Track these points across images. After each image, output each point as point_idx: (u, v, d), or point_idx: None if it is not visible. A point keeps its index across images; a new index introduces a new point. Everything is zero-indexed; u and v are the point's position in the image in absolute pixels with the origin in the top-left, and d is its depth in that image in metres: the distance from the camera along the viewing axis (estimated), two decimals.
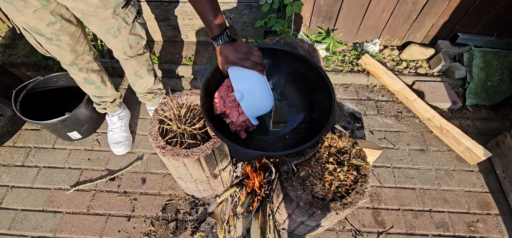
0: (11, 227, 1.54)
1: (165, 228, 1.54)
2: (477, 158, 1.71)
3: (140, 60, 1.49)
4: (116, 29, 1.24)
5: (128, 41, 1.32)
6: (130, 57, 1.42)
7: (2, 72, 1.78)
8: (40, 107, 1.74)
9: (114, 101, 1.72)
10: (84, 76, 1.46)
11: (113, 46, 1.34)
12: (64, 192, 1.66)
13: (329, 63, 2.22)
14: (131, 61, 1.46)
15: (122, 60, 1.46)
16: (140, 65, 1.51)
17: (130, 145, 1.82)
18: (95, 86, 1.54)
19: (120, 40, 1.29)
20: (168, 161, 1.18)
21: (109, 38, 1.28)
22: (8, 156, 1.79)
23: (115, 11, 1.16)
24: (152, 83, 1.66)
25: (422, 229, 1.55)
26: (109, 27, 1.22)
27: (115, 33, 1.25)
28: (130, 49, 1.37)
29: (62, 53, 1.29)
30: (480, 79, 2.04)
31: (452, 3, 1.95)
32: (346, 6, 2.04)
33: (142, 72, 1.55)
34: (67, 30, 1.23)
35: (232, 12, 2.13)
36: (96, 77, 1.51)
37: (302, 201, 1.02)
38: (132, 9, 1.24)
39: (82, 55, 1.39)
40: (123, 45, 1.33)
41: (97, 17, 1.16)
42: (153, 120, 1.21)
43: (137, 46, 1.38)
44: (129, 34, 1.30)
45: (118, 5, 1.16)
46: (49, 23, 1.15)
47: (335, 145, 1.18)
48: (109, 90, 1.64)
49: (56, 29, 1.19)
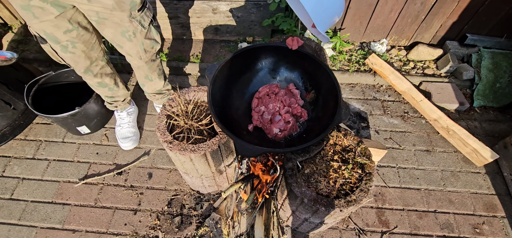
0: (21, 218, 1.58)
1: (171, 222, 1.57)
2: (483, 160, 1.69)
3: (151, 66, 1.51)
4: (132, 32, 1.23)
5: (143, 45, 1.32)
6: (144, 62, 1.42)
7: (16, 67, 1.83)
8: (51, 101, 1.78)
9: (124, 100, 1.76)
10: (98, 80, 1.49)
11: (128, 50, 1.33)
12: (73, 185, 1.69)
13: (335, 63, 2.22)
14: (143, 68, 1.48)
15: (134, 65, 1.47)
16: (151, 70, 1.53)
17: (138, 140, 1.85)
18: (108, 88, 1.57)
19: (134, 43, 1.29)
20: (175, 156, 1.20)
21: (124, 41, 1.27)
22: (19, 148, 1.83)
23: (131, 14, 1.17)
24: (161, 86, 1.69)
25: (427, 230, 1.55)
26: (124, 30, 1.21)
27: (130, 36, 1.24)
28: (145, 53, 1.36)
29: (76, 60, 1.31)
30: (489, 81, 2.02)
31: (461, 3, 1.93)
32: (353, 6, 2.03)
33: (152, 76, 1.58)
34: (82, 38, 1.25)
35: (240, 11, 2.14)
36: (109, 80, 1.54)
37: (306, 197, 1.03)
38: (148, 12, 1.25)
39: (96, 61, 1.40)
40: (138, 49, 1.32)
41: (112, 20, 1.16)
42: (161, 116, 1.24)
43: (152, 50, 1.38)
44: (144, 38, 1.30)
45: (134, 8, 1.16)
46: (66, 30, 1.17)
47: (340, 143, 1.18)
48: (121, 91, 1.67)
49: (73, 36, 1.21)
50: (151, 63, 1.49)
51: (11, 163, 1.77)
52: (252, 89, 1.30)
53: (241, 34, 2.33)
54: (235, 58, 1.18)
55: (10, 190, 1.67)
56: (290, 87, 1.27)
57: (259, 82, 1.31)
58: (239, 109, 1.24)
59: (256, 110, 1.22)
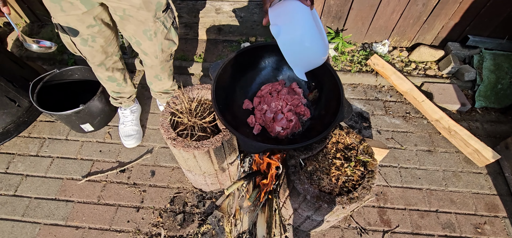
0: (25, 214, 1.59)
1: (173, 219, 1.57)
2: (485, 160, 1.70)
3: (164, 66, 1.52)
4: (153, 32, 1.25)
5: (162, 45, 1.34)
6: (159, 61, 1.44)
7: (20, 65, 1.85)
8: (56, 99, 1.79)
9: (130, 97, 1.78)
10: (109, 74, 1.51)
11: (145, 48, 1.34)
12: (76, 182, 1.71)
13: (337, 63, 2.23)
14: (156, 67, 1.50)
15: (147, 64, 1.48)
16: (163, 71, 1.55)
17: (140, 138, 1.86)
18: (117, 83, 1.59)
19: (154, 43, 1.31)
20: (178, 153, 1.21)
21: (144, 39, 1.29)
22: (23, 146, 1.85)
23: (156, 14, 1.19)
24: (169, 86, 1.71)
25: (428, 229, 1.55)
26: (146, 29, 1.23)
27: (150, 36, 1.26)
28: (162, 53, 1.38)
29: (93, 54, 1.34)
30: (490, 82, 2.02)
31: (463, 5, 1.94)
32: (356, 7, 2.05)
33: (163, 76, 1.59)
34: (104, 34, 1.28)
35: (243, 11, 2.16)
36: (120, 75, 1.57)
37: (309, 194, 1.04)
38: (171, 13, 1.28)
39: (111, 56, 1.43)
40: (156, 48, 1.34)
41: (137, 18, 1.18)
42: (165, 113, 1.25)
43: (168, 51, 1.40)
44: (164, 39, 1.31)
45: (159, 8, 1.18)
46: (89, 25, 1.20)
47: (343, 141, 1.19)
48: (128, 87, 1.69)
49: (95, 31, 1.23)
50: (165, 63, 1.50)
51: (15, 160, 1.79)
52: (255, 87, 1.31)
53: (244, 34, 2.35)
54: (239, 56, 1.19)
55: (13, 186, 1.68)
56: (293, 86, 1.28)
57: (262, 80, 1.32)
58: (242, 106, 1.26)
59: (259, 108, 1.23)
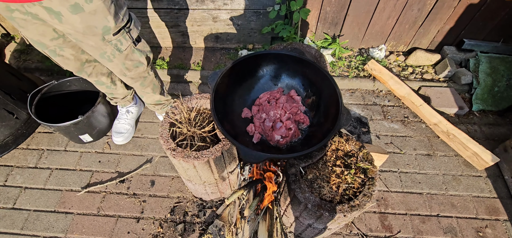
0: (24, 227, 1.58)
1: (174, 230, 1.56)
2: (484, 163, 1.70)
3: (143, 83, 1.50)
4: (110, 54, 1.22)
5: (125, 65, 1.30)
6: (132, 78, 1.41)
7: (18, 77, 1.85)
8: (54, 110, 1.79)
9: (124, 98, 1.79)
10: (94, 80, 1.52)
11: (111, 68, 1.33)
12: (75, 193, 1.69)
13: (335, 69, 2.24)
14: (135, 85, 1.49)
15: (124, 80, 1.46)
16: (144, 87, 1.53)
17: (129, 138, 1.89)
18: (106, 86, 1.60)
19: (116, 63, 1.28)
20: (178, 163, 1.21)
21: (105, 62, 1.27)
22: (22, 158, 1.84)
23: (104, 38, 1.15)
24: (159, 99, 1.70)
25: (430, 234, 1.55)
26: (102, 52, 1.21)
27: (109, 57, 1.23)
28: (129, 71, 1.35)
29: (66, 63, 1.34)
30: (487, 85, 2.04)
31: (458, 9, 1.96)
32: (352, 13, 2.07)
33: (147, 91, 1.57)
34: (70, 44, 1.27)
35: (240, 19, 2.17)
36: (106, 79, 1.56)
37: (310, 203, 1.04)
38: (126, 36, 1.21)
39: (88, 62, 1.41)
40: (120, 68, 1.32)
41: (87, 43, 1.15)
42: (164, 123, 1.25)
43: (136, 70, 1.36)
44: (124, 60, 1.28)
45: (107, 32, 1.13)
46: (52, 38, 1.20)
47: (342, 148, 1.19)
48: (119, 89, 1.69)
49: (59, 43, 1.23)
50: (141, 80, 1.47)
51: (13, 172, 1.78)
52: (254, 96, 1.31)
53: (241, 41, 2.36)
54: (237, 65, 1.20)
55: (12, 199, 1.67)
56: (292, 93, 1.28)
57: (260, 88, 1.33)
58: (241, 115, 1.26)
59: (257, 117, 1.23)
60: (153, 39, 2.37)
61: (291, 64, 1.27)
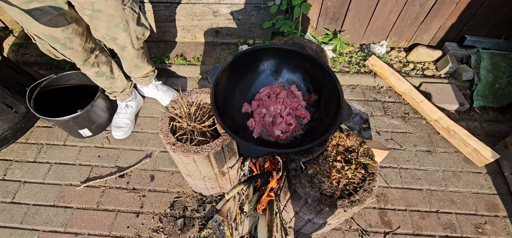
0: (23, 221, 1.57)
1: (173, 224, 1.56)
2: (484, 160, 1.70)
3: (141, 53, 1.60)
4: (125, 21, 1.31)
5: (136, 32, 1.40)
6: (136, 50, 1.51)
7: (17, 70, 1.83)
8: (53, 104, 1.78)
9: (123, 91, 1.80)
10: (95, 70, 1.54)
11: (122, 41, 1.40)
12: (75, 188, 1.69)
13: (336, 64, 2.23)
14: (135, 58, 1.57)
15: (126, 56, 1.54)
16: (142, 59, 1.63)
17: (129, 132, 1.89)
18: (105, 77, 1.62)
19: (129, 33, 1.37)
20: (178, 158, 1.20)
21: (119, 33, 1.34)
22: (20, 152, 1.83)
23: (123, 1, 1.24)
24: (149, 69, 1.78)
25: (429, 230, 1.55)
26: (118, 22, 1.29)
27: (124, 26, 1.32)
28: (137, 41, 1.45)
29: (75, 54, 1.38)
30: (488, 81, 2.03)
31: (459, 5, 1.95)
32: (353, 8, 2.05)
33: (142, 64, 1.67)
34: (77, 31, 1.31)
35: (240, 13, 2.16)
36: (106, 68, 1.60)
37: (310, 198, 1.04)
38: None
39: (93, 51, 1.48)
40: (132, 38, 1.41)
41: (107, 11, 1.22)
42: (164, 118, 1.24)
43: (142, 37, 1.47)
44: (136, 25, 1.37)
45: None
46: (63, 28, 1.22)
47: (343, 144, 1.19)
48: (118, 81, 1.72)
49: (69, 32, 1.26)
50: (142, 51, 1.59)
51: (12, 166, 1.77)
52: (254, 91, 1.31)
53: (242, 36, 2.34)
54: (237, 60, 1.19)
55: (11, 193, 1.67)
56: (292, 88, 1.27)
57: (261, 83, 1.32)
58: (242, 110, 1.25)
59: (257, 112, 1.23)
60: (152, 34, 2.35)
61: (292, 59, 1.26)
